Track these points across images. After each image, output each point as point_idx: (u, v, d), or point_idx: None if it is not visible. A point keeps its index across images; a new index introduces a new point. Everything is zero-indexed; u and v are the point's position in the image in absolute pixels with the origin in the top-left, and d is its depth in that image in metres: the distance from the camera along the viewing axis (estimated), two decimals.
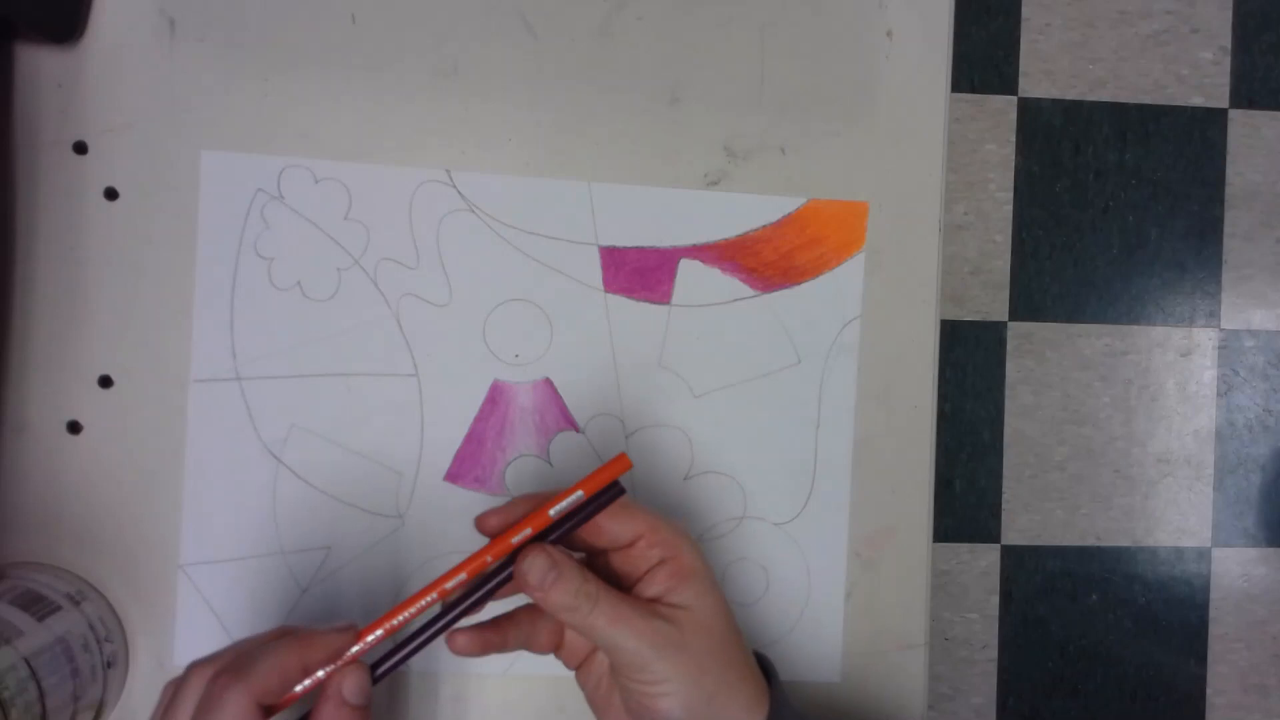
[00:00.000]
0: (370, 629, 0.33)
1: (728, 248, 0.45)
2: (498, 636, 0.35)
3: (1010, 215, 1.28)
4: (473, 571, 0.33)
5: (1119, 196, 1.28)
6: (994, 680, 1.27)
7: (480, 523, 0.35)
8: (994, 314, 1.28)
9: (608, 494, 0.34)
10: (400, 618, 0.33)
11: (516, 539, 0.34)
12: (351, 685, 0.31)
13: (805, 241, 0.46)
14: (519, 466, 0.44)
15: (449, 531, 0.44)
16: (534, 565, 0.33)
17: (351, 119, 0.43)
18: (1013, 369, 1.28)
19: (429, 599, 0.33)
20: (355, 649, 0.32)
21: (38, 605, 0.38)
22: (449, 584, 0.33)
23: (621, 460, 0.34)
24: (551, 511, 0.34)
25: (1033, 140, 1.28)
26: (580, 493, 0.34)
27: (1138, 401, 1.29)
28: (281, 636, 0.32)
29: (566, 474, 0.44)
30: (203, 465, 0.42)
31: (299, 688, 0.31)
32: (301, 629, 0.32)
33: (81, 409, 0.42)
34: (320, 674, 0.32)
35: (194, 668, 0.31)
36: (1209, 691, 1.29)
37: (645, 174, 0.45)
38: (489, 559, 0.33)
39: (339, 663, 0.32)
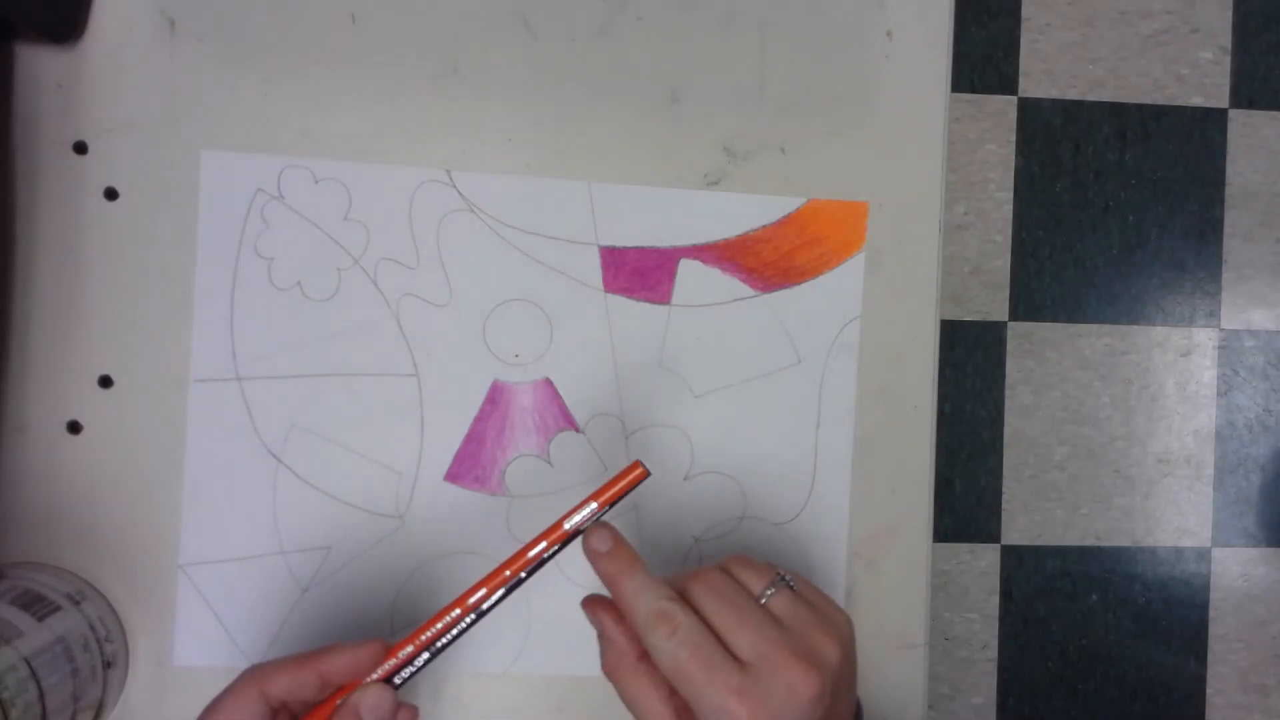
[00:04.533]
0: (400, 646, 0.33)
1: (728, 248, 0.45)
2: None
3: (1010, 215, 1.28)
4: (494, 588, 0.34)
5: (1119, 196, 1.28)
6: (994, 680, 1.27)
7: None
8: (994, 314, 1.28)
9: (634, 477, 0.35)
10: (429, 633, 0.33)
11: (534, 553, 0.34)
12: (370, 702, 0.32)
13: (805, 241, 0.46)
14: (519, 466, 0.44)
15: (449, 531, 0.44)
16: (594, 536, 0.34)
17: (351, 119, 0.43)
18: (1013, 369, 1.28)
19: (455, 614, 0.33)
20: (387, 665, 0.33)
21: (38, 605, 0.38)
22: (472, 599, 0.33)
23: (635, 469, 0.35)
24: (567, 525, 0.34)
25: (1033, 140, 1.28)
26: (594, 504, 0.34)
27: (1138, 401, 1.29)
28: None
29: (566, 474, 0.44)
30: (203, 465, 0.42)
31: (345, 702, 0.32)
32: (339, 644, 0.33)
33: (81, 409, 0.42)
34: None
35: None
36: (1209, 691, 1.29)
37: (645, 174, 0.45)
38: (508, 573, 0.34)
39: (372, 677, 0.32)
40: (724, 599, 0.33)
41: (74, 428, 0.42)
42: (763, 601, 0.34)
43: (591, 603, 0.35)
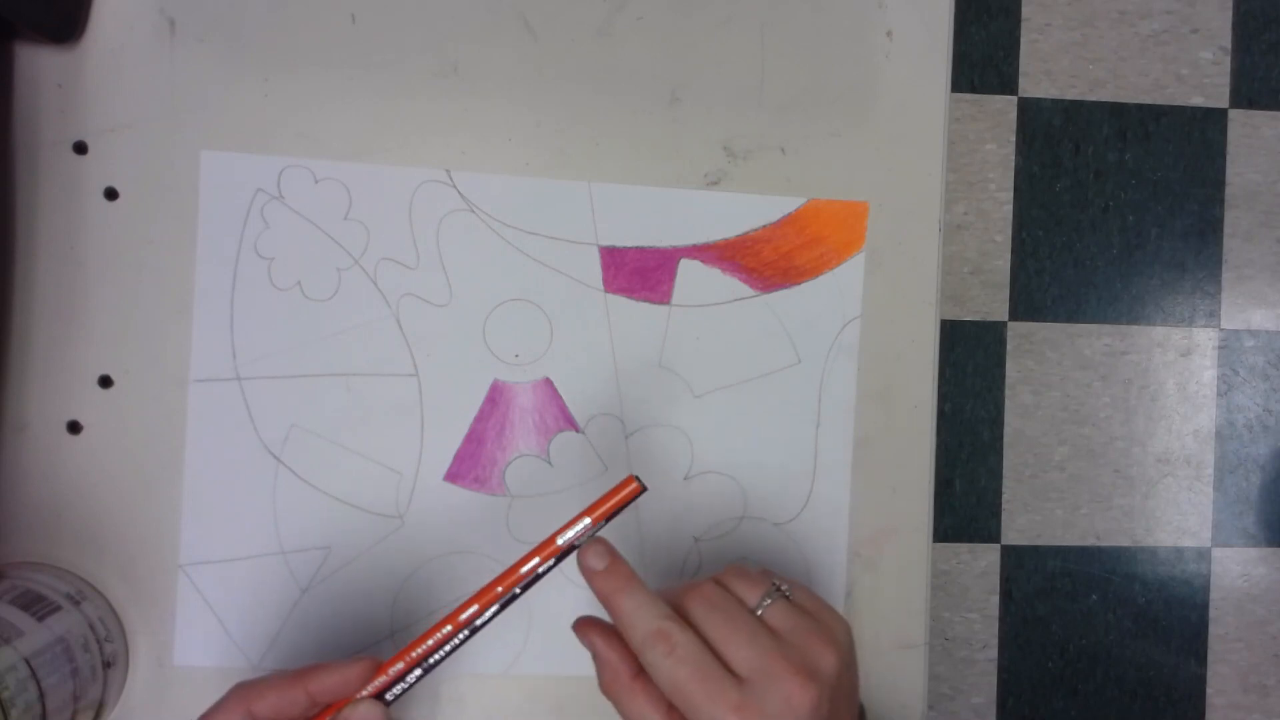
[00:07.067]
0: (390, 662, 0.33)
1: (728, 248, 0.45)
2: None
3: (1010, 215, 1.28)
4: (485, 604, 0.34)
5: (1119, 196, 1.28)
6: (994, 680, 1.27)
7: None
8: (994, 314, 1.28)
9: (628, 492, 0.34)
10: (419, 650, 0.33)
11: (526, 568, 0.34)
12: (359, 718, 0.32)
13: (805, 241, 0.46)
14: (519, 466, 0.44)
15: (449, 531, 0.44)
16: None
17: (351, 119, 0.43)
18: (1013, 369, 1.28)
19: (446, 630, 0.33)
20: (377, 682, 0.33)
21: (38, 605, 0.38)
22: (464, 615, 0.33)
23: (630, 484, 0.34)
24: (560, 540, 0.34)
25: (1033, 140, 1.28)
26: (588, 519, 0.34)
27: (1138, 401, 1.29)
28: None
29: (566, 474, 0.44)
30: (203, 465, 0.42)
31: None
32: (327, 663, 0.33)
33: (81, 409, 0.42)
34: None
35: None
36: (1209, 691, 1.29)
37: (645, 174, 0.45)
38: (500, 589, 0.34)
39: (366, 692, 0.32)
40: (720, 613, 0.32)
41: (74, 428, 0.42)
42: (759, 613, 0.33)
43: (582, 625, 0.35)
